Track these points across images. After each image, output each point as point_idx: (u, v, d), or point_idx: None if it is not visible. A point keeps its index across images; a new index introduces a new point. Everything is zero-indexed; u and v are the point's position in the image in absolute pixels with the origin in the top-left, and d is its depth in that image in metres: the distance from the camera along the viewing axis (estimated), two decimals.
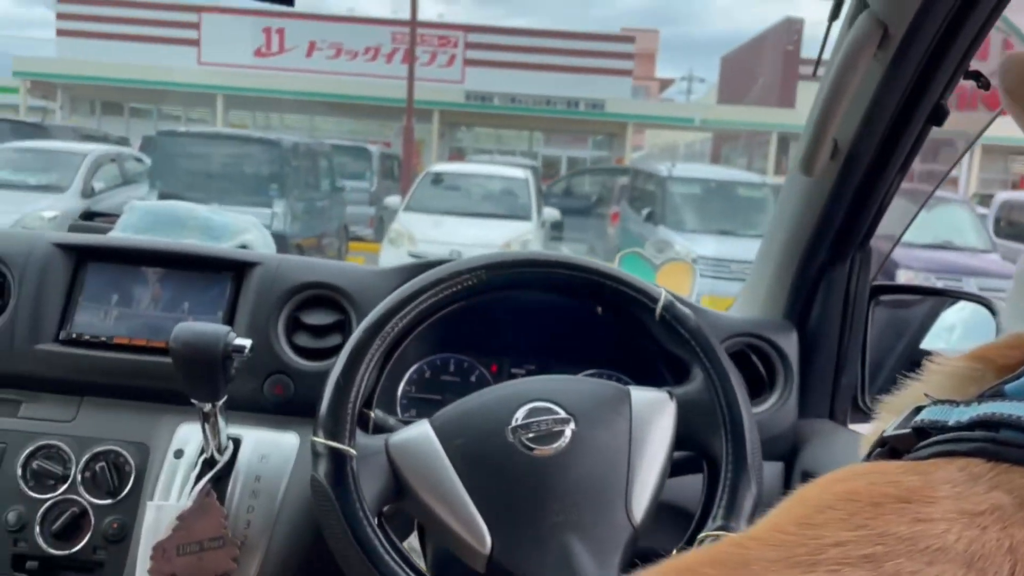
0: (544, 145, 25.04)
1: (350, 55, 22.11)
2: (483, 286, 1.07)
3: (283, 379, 1.27)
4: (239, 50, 21.46)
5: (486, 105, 22.42)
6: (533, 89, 22.22)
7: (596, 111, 22.95)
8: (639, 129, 27.36)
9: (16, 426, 1.25)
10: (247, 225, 1.52)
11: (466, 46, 22.64)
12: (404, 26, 20.54)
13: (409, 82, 15.93)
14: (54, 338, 1.27)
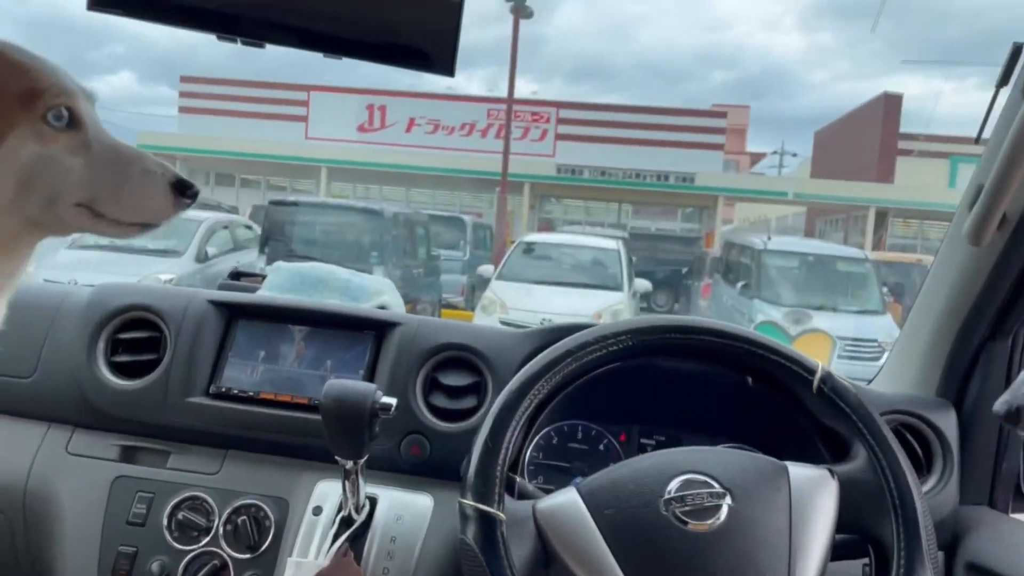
0: (633, 217, 25.07)
1: (447, 130, 22.97)
2: (629, 351, 1.06)
3: (419, 439, 1.28)
4: (343, 125, 22.64)
5: (576, 178, 22.75)
6: (623, 162, 22.44)
7: (686, 184, 22.91)
8: (729, 202, 27.10)
9: (164, 476, 1.29)
10: (383, 287, 1.57)
11: (558, 121, 23.18)
12: (500, 103, 21.23)
13: (504, 156, 16.37)
14: (204, 392, 1.32)
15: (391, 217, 10.36)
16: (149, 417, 1.31)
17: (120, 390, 1.32)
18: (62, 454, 1.32)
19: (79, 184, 0.87)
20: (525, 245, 10.72)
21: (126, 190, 0.88)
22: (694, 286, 14.22)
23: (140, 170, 0.90)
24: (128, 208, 0.89)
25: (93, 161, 0.87)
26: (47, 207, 0.86)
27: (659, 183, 22.76)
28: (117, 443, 1.32)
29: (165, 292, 1.41)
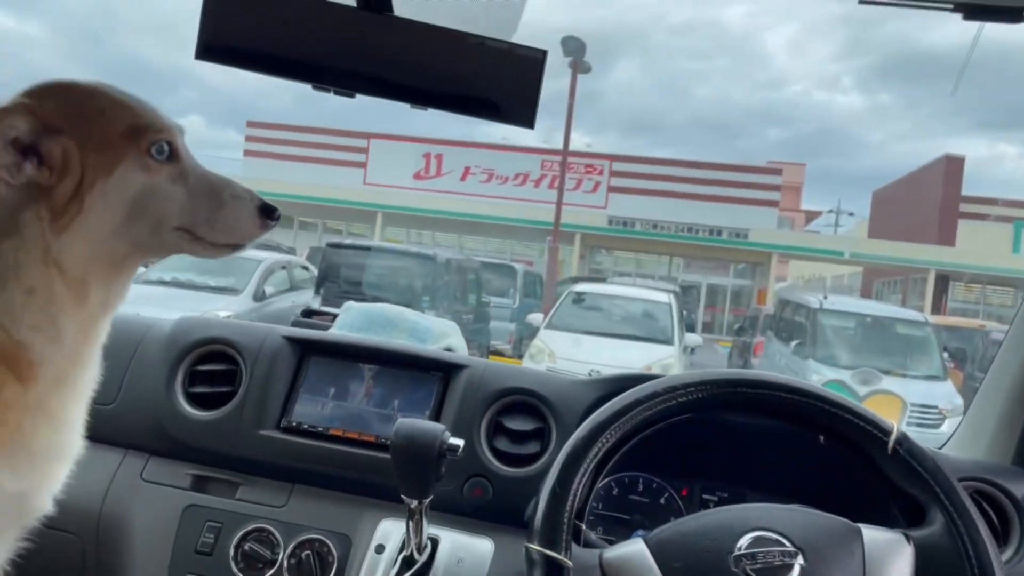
0: (684, 271, 24.90)
1: (501, 180, 23.33)
2: (699, 403, 1.05)
3: (482, 482, 1.29)
4: (400, 172, 23.19)
5: (628, 230, 22.78)
6: (675, 216, 22.42)
7: (739, 240, 22.74)
8: (784, 260, 26.74)
9: (233, 507, 1.32)
10: (449, 330, 1.60)
11: (611, 174, 23.34)
12: (554, 155, 21.53)
13: (557, 207, 16.51)
14: (276, 425, 1.36)
15: (444, 263, 10.49)
16: (222, 448, 1.35)
17: (196, 420, 1.36)
18: (137, 480, 1.36)
19: (179, 210, 0.94)
20: (575, 295, 10.72)
21: (219, 214, 0.96)
22: (747, 343, 13.97)
23: (230, 195, 0.97)
24: (221, 230, 0.96)
25: (191, 189, 0.95)
26: (152, 232, 0.93)
27: (712, 238, 22.64)
28: (190, 472, 1.36)
29: (243, 327, 1.46)
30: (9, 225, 0.86)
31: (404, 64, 1.12)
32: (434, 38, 1.11)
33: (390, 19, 1.12)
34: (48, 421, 0.91)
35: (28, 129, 0.86)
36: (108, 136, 0.90)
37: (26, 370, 0.87)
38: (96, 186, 0.88)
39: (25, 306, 0.86)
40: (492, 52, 1.13)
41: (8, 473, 0.87)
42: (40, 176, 0.86)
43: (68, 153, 0.87)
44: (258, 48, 1.09)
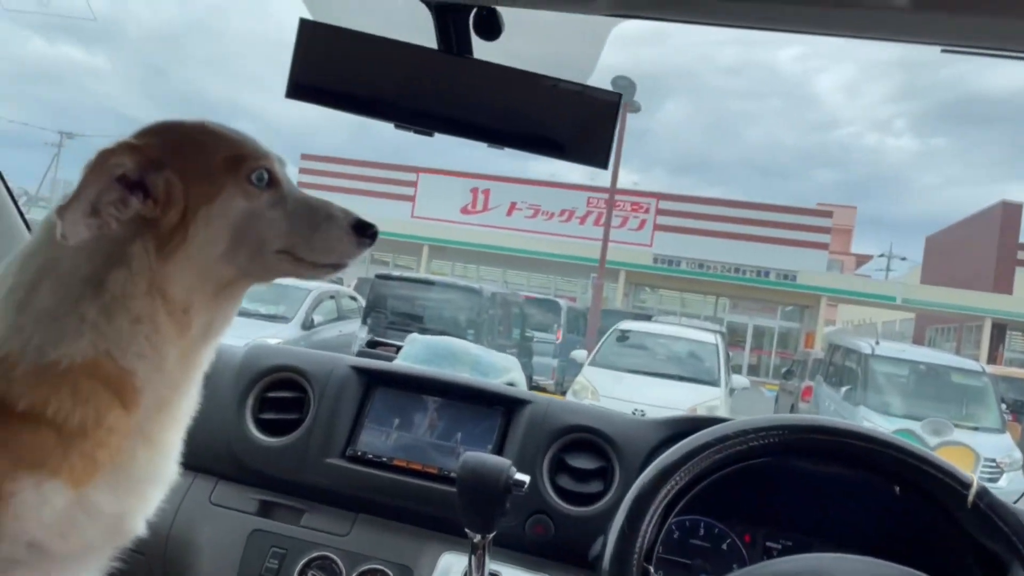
0: (730, 311, 24.58)
1: (547, 216, 23.45)
2: (769, 448, 1.04)
3: (544, 520, 1.29)
4: (448, 206, 23.49)
5: (673, 269, 22.63)
6: (722, 256, 22.22)
7: (787, 282, 22.40)
8: (832, 303, 26.24)
9: (297, 534, 1.34)
10: (511, 365, 1.61)
11: (658, 212, 23.29)
12: (600, 192, 21.61)
13: (603, 243, 16.51)
14: (341, 454, 1.38)
15: (489, 296, 10.55)
16: (288, 475, 1.37)
17: (264, 446, 1.39)
18: (205, 503, 1.39)
19: (280, 234, 0.97)
20: (620, 333, 10.64)
21: (317, 235, 0.99)
22: (795, 387, 13.67)
23: (326, 216, 1.00)
24: (320, 251, 0.99)
25: (289, 213, 0.98)
26: (254, 256, 0.96)
27: (759, 279, 22.35)
28: (256, 497, 1.39)
29: (312, 356, 1.49)
30: (117, 257, 0.90)
31: (482, 105, 1.15)
32: (511, 80, 1.14)
33: (469, 62, 1.15)
34: (147, 446, 0.94)
35: (134, 166, 0.91)
36: (209, 167, 0.94)
37: (130, 396, 0.91)
38: (199, 214, 0.92)
39: (131, 335, 0.90)
40: (567, 94, 1.16)
41: (108, 495, 0.90)
42: (146, 209, 0.91)
43: (171, 185, 0.92)
44: (344, 88, 1.13)
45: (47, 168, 25.74)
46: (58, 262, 0.91)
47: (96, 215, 0.87)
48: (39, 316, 0.89)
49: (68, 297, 0.89)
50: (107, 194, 0.88)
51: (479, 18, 1.12)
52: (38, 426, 0.85)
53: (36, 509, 0.84)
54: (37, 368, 0.86)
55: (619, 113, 1.14)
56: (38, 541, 0.86)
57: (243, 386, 1.44)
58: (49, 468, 0.85)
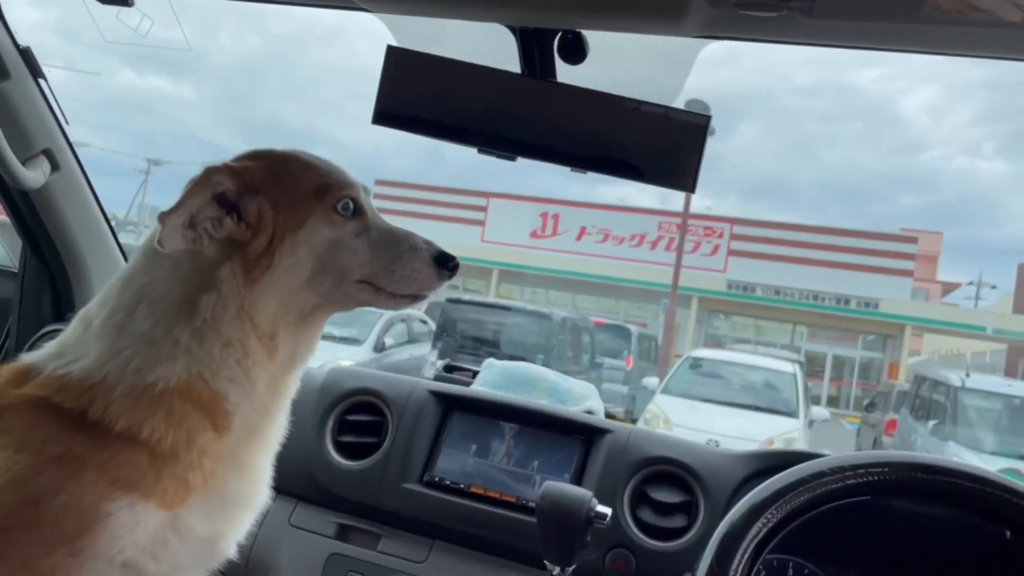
0: (808, 340, 23.83)
1: (617, 240, 23.30)
2: (867, 487, 0.99)
3: (625, 554, 1.25)
4: (517, 231, 23.60)
5: (747, 295, 22.12)
6: (800, 283, 21.60)
7: (869, 310, 21.60)
8: (917, 333, 25.14)
9: (375, 559, 1.34)
10: (589, 392, 1.58)
11: (731, 237, 22.86)
12: (672, 216, 21.36)
13: (675, 269, 16.29)
14: (419, 479, 1.37)
15: (559, 321, 10.52)
16: (366, 499, 1.37)
17: (343, 469, 1.40)
18: (284, 525, 1.40)
19: (362, 263, 0.98)
20: (693, 360, 10.44)
21: (398, 265, 1.00)
22: (878, 419, 13.11)
23: (408, 247, 1.01)
24: (401, 281, 1.00)
25: (372, 242, 1.00)
26: (336, 284, 0.98)
27: (839, 307, 21.63)
28: (335, 520, 1.39)
29: (390, 380, 1.49)
30: (207, 281, 0.93)
31: (566, 129, 1.14)
32: (595, 103, 1.13)
33: (553, 85, 1.15)
34: (238, 470, 0.95)
35: (233, 187, 0.94)
36: (298, 195, 0.96)
37: (221, 420, 0.92)
38: (286, 241, 0.94)
39: (223, 358, 0.92)
40: (651, 116, 1.14)
41: (201, 517, 0.92)
42: (238, 232, 0.93)
43: (263, 211, 0.94)
44: (430, 114, 1.14)
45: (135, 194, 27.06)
46: (154, 286, 0.94)
47: (193, 228, 0.90)
48: (137, 339, 0.91)
49: (163, 321, 0.92)
50: (206, 210, 0.91)
51: (564, 42, 1.12)
52: (133, 448, 0.87)
53: (130, 530, 0.86)
54: (134, 390, 0.88)
55: (707, 135, 1.11)
56: (132, 562, 0.87)
57: (323, 408, 1.45)
58: (143, 490, 0.86)
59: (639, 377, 12.59)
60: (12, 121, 1.43)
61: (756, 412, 9.17)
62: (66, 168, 1.54)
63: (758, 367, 10.43)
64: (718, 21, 0.99)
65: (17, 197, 1.54)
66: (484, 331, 10.40)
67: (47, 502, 0.83)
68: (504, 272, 23.58)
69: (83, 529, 0.84)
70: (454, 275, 1.03)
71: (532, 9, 1.04)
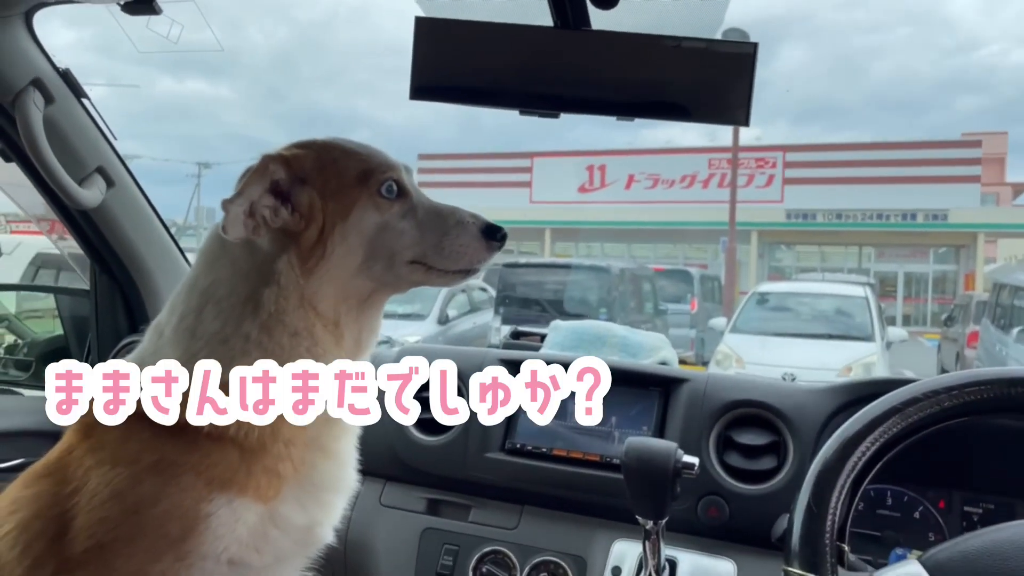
0: (876, 261, 23.13)
1: (667, 184, 22.90)
2: (965, 408, 0.94)
3: (717, 501, 1.23)
4: (565, 188, 23.40)
5: (808, 223, 21.54)
6: (861, 203, 20.91)
7: (938, 222, 20.81)
8: (991, 239, 24.13)
9: (467, 530, 1.35)
10: (660, 343, 1.56)
11: (785, 165, 22.22)
12: (722, 152, 20.86)
13: (731, 205, 15.95)
14: (501, 447, 1.38)
15: (618, 273, 10.44)
16: (452, 472, 1.39)
17: (425, 445, 1.41)
18: (376, 506, 1.43)
19: (410, 243, 0.98)
20: (759, 296, 10.24)
21: (447, 242, 0.99)
22: (959, 333, 12.69)
23: (455, 222, 1.00)
24: (451, 258, 1.00)
25: (420, 221, 0.99)
26: (388, 267, 0.98)
27: (905, 223, 20.88)
28: (424, 496, 1.41)
29: (460, 352, 1.49)
30: (267, 274, 0.94)
31: (606, 78, 1.10)
32: (633, 47, 1.09)
33: (588, 34, 1.11)
34: (324, 456, 0.97)
35: (286, 177, 0.95)
36: (343, 183, 0.97)
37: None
38: (336, 230, 0.95)
39: (292, 348, 0.93)
40: (695, 52, 1.09)
41: (295, 506, 0.94)
42: (292, 222, 0.94)
43: (312, 201, 0.95)
44: (467, 82, 1.12)
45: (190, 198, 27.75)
46: (217, 286, 0.95)
47: (252, 217, 0.91)
48: (209, 340, 0.93)
49: (231, 319, 0.94)
50: (264, 199, 0.92)
51: None
52: (223, 446, 0.89)
53: (232, 527, 0.88)
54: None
55: (755, 64, 1.06)
56: (237, 558, 0.90)
57: None
58: (238, 486, 0.89)
59: (705, 319, 12.44)
60: (63, 144, 1.46)
61: (830, 340, 8.98)
62: (120, 183, 1.57)
63: (827, 294, 10.17)
64: None
65: (78, 218, 1.58)
66: (544, 292, 10.39)
67: (148, 510, 0.86)
68: (556, 231, 23.46)
69: (187, 532, 0.86)
70: (503, 245, 1.02)
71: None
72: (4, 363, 1.87)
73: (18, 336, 2.00)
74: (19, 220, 17.06)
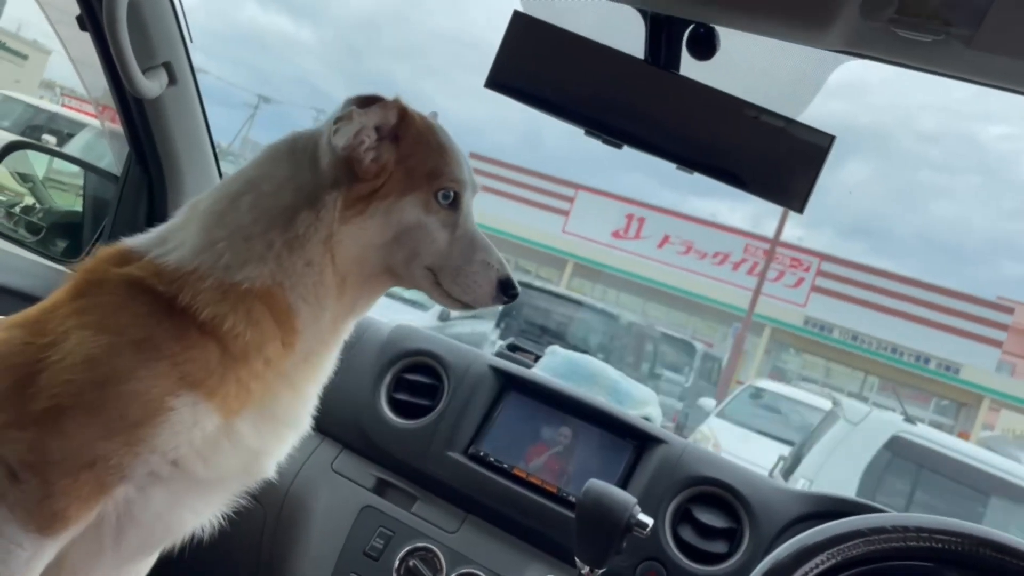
0: (877, 392, 22.95)
1: (699, 255, 22.84)
2: (931, 553, 0.92)
3: (658, 568, 1.21)
4: (600, 228, 23.39)
5: (823, 335, 21.41)
6: (880, 332, 20.78)
7: (948, 374, 20.64)
8: (996, 407, 23.89)
9: (407, 520, 1.33)
10: (649, 398, 1.54)
11: (818, 273, 22.13)
12: (760, 241, 20.82)
13: (754, 294, 15.90)
14: (464, 450, 1.36)
15: (625, 325, 10.40)
16: (409, 458, 1.37)
17: (391, 426, 1.40)
18: (327, 469, 1.41)
19: (436, 253, 1.00)
20: (755, 390, 10.16)
21: (465, 271, 1.01)
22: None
23: (482, 259, 1.02)
24: (460, 286, 1.01)
25: (454, 239, 1.01)
26: (405, 261, 1.00)
27: (916, 364, 20.73)
28: (375, 474, 1.40)
29: (454, 347, 1.49)
30: (313, 198, 0.95)
31: (680, 125, 1.10)
32: (715, 104, 1.08)
33: (674, 78, 1.10)
34: (291, 390, 0.98)
35: (392, 126, 0.98)
36: (418, 167, 0.99)
37: (289, 335, 0.95)
38: (386, 200, 0.96)
39: (303, 275, 0.94)
40: (772, 128, 1.08)
41: (251, 428, 0.94)
42: (369, 167, 0.95)
43: (389, 163, 0.97)
44: (544, 87, 1.11)
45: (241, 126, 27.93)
46: (265, 180, 0.97)
47: (355, 138, 0.94)
48: (233, 233, 0.94)
49: (262, 218, 0.94)
50: (370, 131, 0.95)
51: (695, 34, 1.07)
52: (207, 344, 0.89)
53: (188, 429, 0.88)
54: (221, 285, 0.91)
55: (826, 157, 1.05)
56: (183, 461, 0.90)
57: (383, 363, 1.46)
58: (207, 390, 0.88)
59: (696, 396, 12.35)
60: (140, 29, 1.47)
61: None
62: (183, 84, 1.57)
63: (821, 409, 10.08)
64: (866, 37, 0.93)
65: (132, 104, 1.58)
66: (549, 320, 10.36)
67: (115, 386, 0.86)
68: (579, 266, 23.44)
69: (145, 419, 0.86)
70: (509, 303, 1.04)
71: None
72: (17, 221, 1.87)
73: (38, 200, 2.01)
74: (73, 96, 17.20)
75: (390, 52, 68.87)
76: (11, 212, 1.88)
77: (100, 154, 5.04)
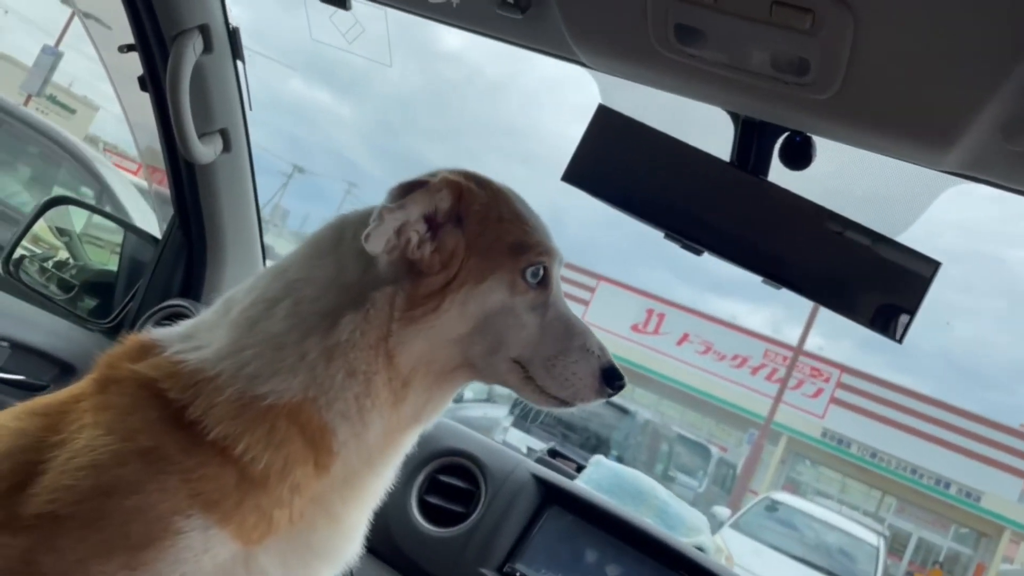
0: (894, 513, 22.16)
1: (718, 356, 22.59)
2: None
3: None
4: (619, 320, 23.27)
5: (841, 449, 20.87)
6: (900, 451, 20.22)
7: (969, 501, 19.94)
8: (1016, 539, 22.95)
9: None
10: (701, 525, 1.42)
11: (838, 385, 21.75)
12: (781, 347, 20.59)
13: (774, 402, 15.61)
14: (498, 567, 1.24)
15: (641, 423, 10.17)
16: (438, 571, 1.25)
17: (422, 532, 1.28)
18: None
19: (524, 342, 0.86)
20: (770, 502, 9.83)
21: (560, 361, 0.87)
22: None
23: (580, 345, 0.88)
24: (556, 379, 0.87)
25: (545, 323, 0.87)
26: (489, 353, 0.86)
27: (936, 488, 20.06)
28: None
29: (495, 450, 1.38)
30: (360, 298, 0.83)
31: (766, 234, 1.02)
32: (803, 214, 1.01)
33: (761, 183, 1.04)
34: (328, 519, 0.85)
35: (448, 208, 0.84)
36: (496, 245, 0.86)
37: (324, 457, 0.82)
38: (463, 290, 0.84)
39: (342, 388, 0.82)
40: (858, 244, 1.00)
41: (277, 561, 0.81)
42: (428, 260, 0.83)
43: (458, 249, 0.84)
44: (624, 186, 1.05)
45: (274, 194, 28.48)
46: (306, 284, 0.85)
47: (398, 234, 0.82)
48: (264, 340, 0.83)
49: (299, 326, 0.83)
50: (419, 223, 0.83)
51: (789, 142, 1.01)
52: (223, 463, 0.77)
53: (198, 556, 0.76)
54: (242, 397, 0.79)
55: (929, 285, 0.96)
56: None
57: (417, 461, 1.35)
58: (221, 513, 0.76)
59: (708, 503, 11.95)
60: (201, 94, 1.44)
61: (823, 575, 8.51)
62: (237, 151, 1.54)
63: (838, 528, 9.70)
64: (986, 161, 0.86)
65: (183, 167, 1.54)
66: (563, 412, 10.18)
67: (119, 498, 0.74)
68: None
69: (149, 540, 0.74)
70: (615, 395, 0.90)
71: (768, 103, 0.94)
72: (49, 276, 1.82)
73: (73, 256, 1.96)
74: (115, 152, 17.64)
75: (426, 132, 70.73)
76: (44, 267, 1.83)
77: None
